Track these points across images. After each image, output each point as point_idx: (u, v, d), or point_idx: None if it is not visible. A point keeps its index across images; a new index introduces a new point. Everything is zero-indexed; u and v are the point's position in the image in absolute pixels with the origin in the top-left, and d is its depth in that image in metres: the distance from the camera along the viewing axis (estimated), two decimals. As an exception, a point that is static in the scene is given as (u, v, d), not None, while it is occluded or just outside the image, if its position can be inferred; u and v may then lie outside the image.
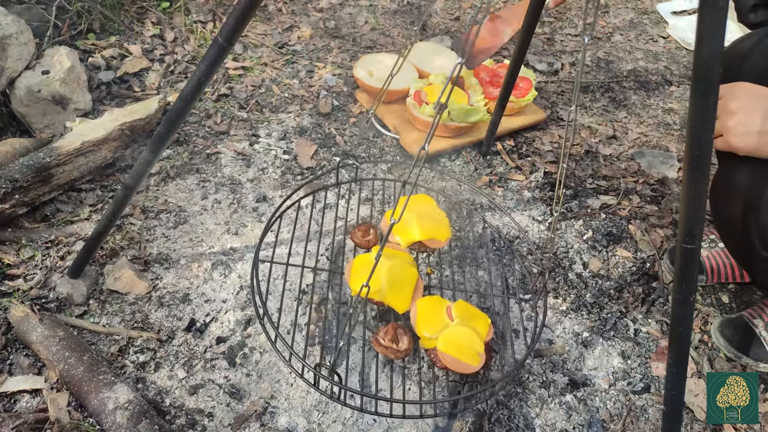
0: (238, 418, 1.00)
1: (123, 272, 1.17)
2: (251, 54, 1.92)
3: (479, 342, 0.97)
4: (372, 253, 1.08)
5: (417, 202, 1.18)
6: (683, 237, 0.65)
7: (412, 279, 1.04)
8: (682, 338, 0.74)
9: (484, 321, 1.02)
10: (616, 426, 1.07)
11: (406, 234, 1.11)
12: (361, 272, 0.99)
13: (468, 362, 0.94)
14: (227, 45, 0.83)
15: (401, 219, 1.08)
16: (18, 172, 1.20)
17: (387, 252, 1.06)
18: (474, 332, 0.97)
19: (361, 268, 1.02)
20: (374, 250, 1.09)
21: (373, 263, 0.87)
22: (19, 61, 1.44)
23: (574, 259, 1.37)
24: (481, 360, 0.96)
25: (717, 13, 0.51)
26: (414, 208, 1.13)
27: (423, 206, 1.18)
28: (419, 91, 1.64)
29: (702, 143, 0.58)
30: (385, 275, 1.00)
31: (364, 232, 1.13)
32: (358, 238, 1.13)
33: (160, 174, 1.44)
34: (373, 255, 0.99)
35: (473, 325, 0.99)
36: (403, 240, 1.11)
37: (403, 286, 1.02)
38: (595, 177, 1.62)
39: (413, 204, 1.14)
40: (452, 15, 2.34)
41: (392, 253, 1.06)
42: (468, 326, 0.98)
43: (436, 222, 1.14)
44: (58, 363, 0.99)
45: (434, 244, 1.12)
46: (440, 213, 1.18)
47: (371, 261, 0.98)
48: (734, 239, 1.03)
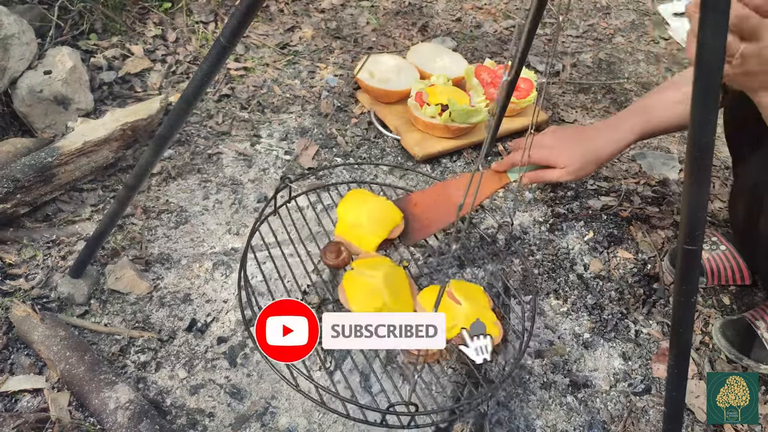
0: (238, 418, 1.00)
1: (124, 272, 1.17)
2: (253, 54, 1.92)
3: (490, 313, 0.98)
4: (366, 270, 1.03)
5: (356, 201, 1.13)
6: (684, 238, 0.65)
7: (405, 279, 1.04)
8: (683, 340, 0.74)
9: (480, 291, 1.04)
10: (617, 427, 1.07)
11: (365, 240, 1.08)
12: (358, 293, 0.98)
13: (492, 335, 0.95)
14: (229, 45, 0.83)
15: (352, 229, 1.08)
16: (20, 171, 1.20)
17: (370, 264, 1.03)
18: (483, 307, 0.98)
19: (355, 288, 0.99)
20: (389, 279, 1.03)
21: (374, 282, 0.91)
22: (21, 61, 1.44)
23: (575, 261, 1.37)
24: (499, 327, 0.98)
25: (718, 15, 0.51)
26: (357, 208, 1.10)
27: (362, 203, 1.13)
28: (420, 92, 1.64)
29: (703, 145, 0.58)
30: (385, 289, 0.98)
31: (336, 253, 1.07)
32: (332, 261, 1.06)
33: (162, 174, 1.44)
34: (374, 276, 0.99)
35: (476, 299, 1.00)
36: (366, 247, 1.08)
37: (401, 291, 1.01)
38: (596, 178, 1.62)
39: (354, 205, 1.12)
40: (454, 16, 2.34)
41: (374, 263, 1.04)
42: (474, 302, 0.98)
43: (384, 211, 1.11)
44: (59, 363, 0.99)
45: (396, 232, 1.10)
46: (379, 199, 1.15)
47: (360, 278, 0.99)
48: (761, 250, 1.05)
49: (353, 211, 1.10)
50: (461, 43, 2.16)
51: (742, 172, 1.16)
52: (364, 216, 1.09)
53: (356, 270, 1.02)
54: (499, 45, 2.19)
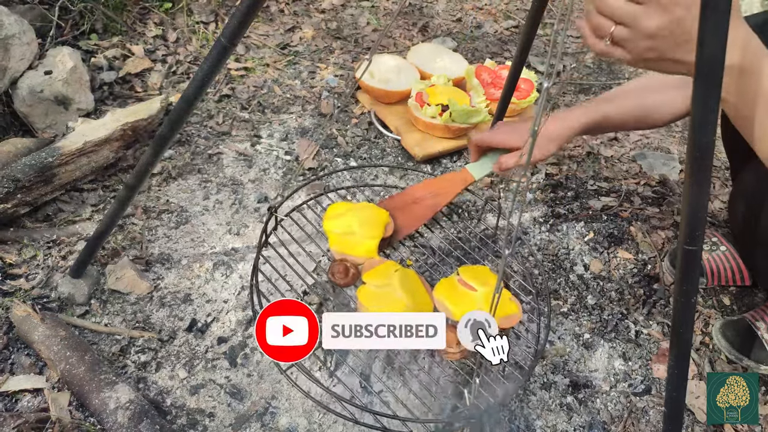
0: (238, 418, 1.00)
1: (124, 272, 1.17)
2: (253, 55, 1.92)
3: (505, 291, 0.97)
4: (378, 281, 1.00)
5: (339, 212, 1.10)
6: (685, 239, 0.65)
7: (417, 279, 1.02)
8: (683, 340, 0.74)
9: (487, 271, 1.03)
10: (617, 428, 1.07)
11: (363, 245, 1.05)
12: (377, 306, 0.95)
13: (513, 313, 0.95)
14: (230, 45, 0.83)
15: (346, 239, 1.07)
16: (20, 171, 1.20)
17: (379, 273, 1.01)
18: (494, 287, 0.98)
19: (373, 302, 0.96)
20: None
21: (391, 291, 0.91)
22: (21, 61, 1.44)
23: (576, 261, 1.37)
24: (516, 302, 0.97)
25: (718, 15, 0.51)
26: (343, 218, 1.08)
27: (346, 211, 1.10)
28: (421, 92, 1.64)
29: (703, 145, 0.58)
30: (404, 295, 0.96)
31: (344, 272, 1.03)
32: (342, 280, 1.02)
33: (162, 174, 1.45)
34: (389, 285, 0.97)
35: (487, 280, 0.99)
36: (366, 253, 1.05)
37: (417, 292, 1.00)
38: (596, 178, 1.62)
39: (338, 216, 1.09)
40: (454, 16, 2.34)
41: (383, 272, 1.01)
42: (487, 284, 0.98)
43: (371, 211, 1.10)
44: (60, 362, 0.99)
45: (389, 229, 1.09)
46: (362, 204, 1.14)
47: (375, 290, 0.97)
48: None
49: (340, 221, 1.07)
50: (461, 44, 2.16)
51: (740, 175, 1.16)
52: (354, 223, 1.06)
53: (369, 284, 0.99)
54: (500, 45, 2.19)
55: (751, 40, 0.65)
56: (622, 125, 1.18)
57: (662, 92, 1.12)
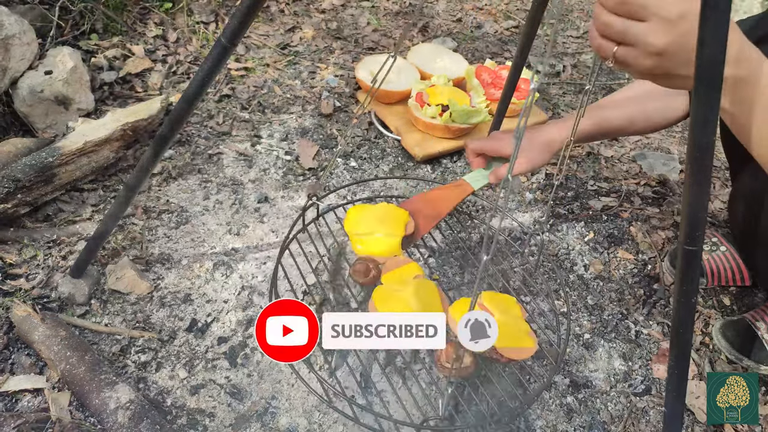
0: (239, 418, 1.00)
1: (125, 272, 1.17)
2: (253, 55, 1.92)
3: (524, 324, 0.96)
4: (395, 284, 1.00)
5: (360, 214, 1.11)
6: (685, 239, 0.65)
7: (435, 292, 1.00)
8: (684, 340, 0.74)
9: (513, 301, 1.01)
10: (617, 428, 1.07)
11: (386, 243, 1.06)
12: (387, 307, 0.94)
13: (527, 346, 0.94)
14: (230, 45, 0.83)
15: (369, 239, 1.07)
16: (20, 171, 1.20)
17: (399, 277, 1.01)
18: (515, 318, 0.97)
19: (384, 303, 0.96)
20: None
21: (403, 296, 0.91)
22: (21, 61, 1.44)
23: (576, 261, 1.37)
24: (534, 338, 0.96)
25: (719, 15, 0.51)
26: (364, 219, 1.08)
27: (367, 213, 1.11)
28: (421, 92, 1.64)
29: (703, 145, 0.58)
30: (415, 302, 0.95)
31: (365, 272, 1.03)
32: (362, 279, 1.03)
33: (162, 174, 1.45)
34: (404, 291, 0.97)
35: (508, 309, 0.98)
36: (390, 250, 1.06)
37: (431, 304, 0.97)
38: (596, 179, 1.62)
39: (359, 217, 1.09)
40: (454, 17, 2.34)
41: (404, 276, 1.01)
42: (507, 313, 0.97)
43: (391, 211, 1.10)
44: (60, 362, 0.99)
45: (410, 227, 1.09)
46: (381, 204, 1.14)
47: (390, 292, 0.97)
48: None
49: (362, 223, 1.08)
50: (462, 44, 2.16)
51: (740, 175, 1.16)
52: (374, 223, 1.07)
53: (386, 285, 1.00)
54: (500, 45, 2.19)
55: (744, 48, 0.63)
56: (621, 130, 1.18)
57: (663, 97, 1.12)
